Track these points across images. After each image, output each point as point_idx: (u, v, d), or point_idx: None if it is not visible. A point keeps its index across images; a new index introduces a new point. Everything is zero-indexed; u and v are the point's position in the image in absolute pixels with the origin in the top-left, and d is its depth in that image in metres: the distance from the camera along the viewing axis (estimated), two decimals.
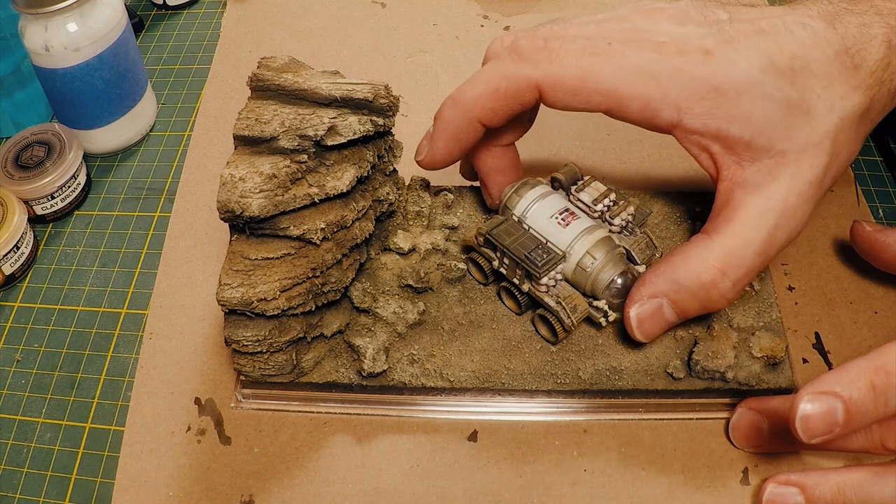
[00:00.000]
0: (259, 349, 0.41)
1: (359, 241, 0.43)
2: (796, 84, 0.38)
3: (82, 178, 0.56)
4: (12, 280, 0.52)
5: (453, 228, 0.50)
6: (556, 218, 0.44)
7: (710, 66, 0.38)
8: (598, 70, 0.39)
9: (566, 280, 0.44)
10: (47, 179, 0.53)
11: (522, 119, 0.45)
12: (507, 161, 0.46)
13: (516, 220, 0.45)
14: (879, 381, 0.34)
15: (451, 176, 0.56)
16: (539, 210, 0.44)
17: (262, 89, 0.42)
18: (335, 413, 0.45)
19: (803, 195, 0.39)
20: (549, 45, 0.40)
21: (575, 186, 0.48)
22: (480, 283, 0.48)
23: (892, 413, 0.34)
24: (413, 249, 0.48)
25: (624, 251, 0.44)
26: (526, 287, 0.44)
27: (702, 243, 0.39)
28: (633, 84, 0.39)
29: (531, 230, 0.45)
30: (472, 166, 0.48)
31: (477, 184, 0.51)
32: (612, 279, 0.42)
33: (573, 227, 0.43)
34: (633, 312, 0.41)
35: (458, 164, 0.48)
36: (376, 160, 0.44)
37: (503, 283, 0.46)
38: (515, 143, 0.47)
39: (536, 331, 0.46)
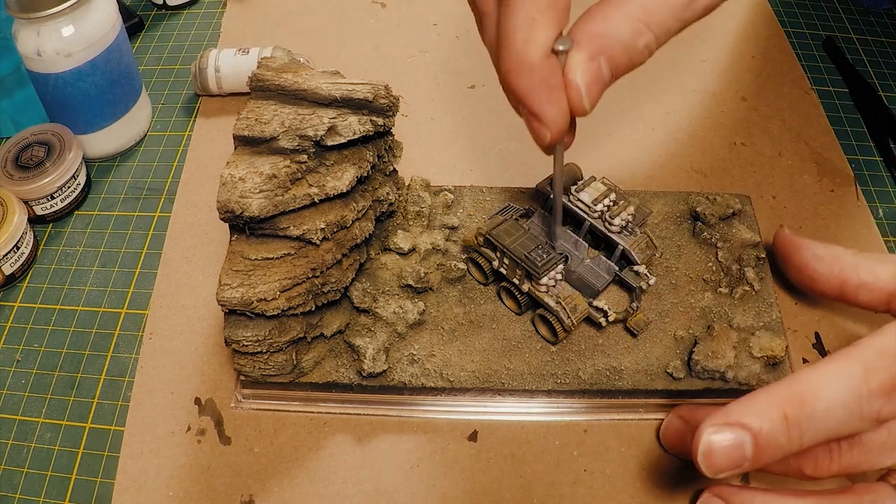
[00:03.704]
0: (259, 349, 0.41)
1: (359, 241, 0.43)
2: None
3: (82, 179, 0.56)
4: (12, 280, 0.52)
5: (453, 228, 0.50)
6: None
7: None
8: None
9: (566, 280, 0.44)
10: (47, 180, 0.53)
11: None
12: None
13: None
14: (793, 411, 0.30)
15: (451, 176, 0.56)
16: None
17: (262, 89, 0.42)
18: (335, 413, 0.45)
19: None
20: None
21: (575, 186, 0.48)
22: (480, 283, 0.48)
23: (806, 447, 0.31)
24: (413, 249, 0.48)
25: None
26: (526, 287, 0.44)
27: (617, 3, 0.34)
28: None
29: (531, 230, 0.45)
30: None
31: (474, 184, 0.50)
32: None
33: None
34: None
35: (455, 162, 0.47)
36: (376, 160, 0.44)
37: (503, 283, 0.46)
38: None
39: (536, 331, 0.46)
